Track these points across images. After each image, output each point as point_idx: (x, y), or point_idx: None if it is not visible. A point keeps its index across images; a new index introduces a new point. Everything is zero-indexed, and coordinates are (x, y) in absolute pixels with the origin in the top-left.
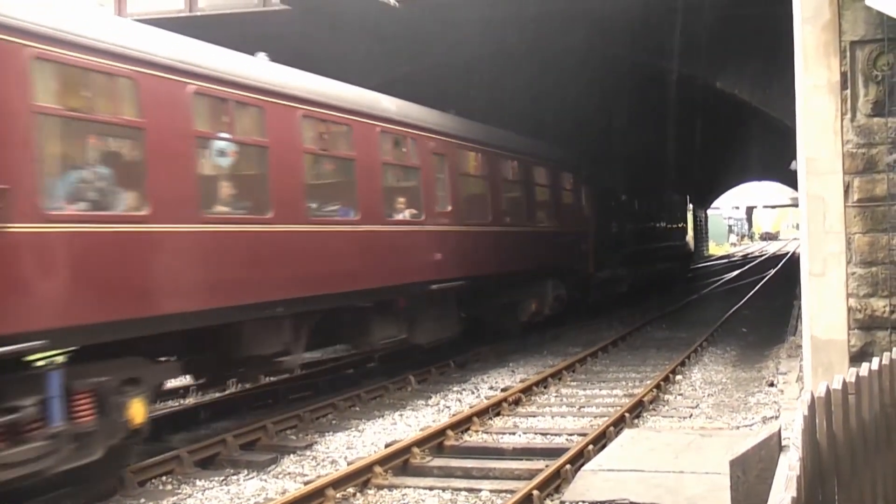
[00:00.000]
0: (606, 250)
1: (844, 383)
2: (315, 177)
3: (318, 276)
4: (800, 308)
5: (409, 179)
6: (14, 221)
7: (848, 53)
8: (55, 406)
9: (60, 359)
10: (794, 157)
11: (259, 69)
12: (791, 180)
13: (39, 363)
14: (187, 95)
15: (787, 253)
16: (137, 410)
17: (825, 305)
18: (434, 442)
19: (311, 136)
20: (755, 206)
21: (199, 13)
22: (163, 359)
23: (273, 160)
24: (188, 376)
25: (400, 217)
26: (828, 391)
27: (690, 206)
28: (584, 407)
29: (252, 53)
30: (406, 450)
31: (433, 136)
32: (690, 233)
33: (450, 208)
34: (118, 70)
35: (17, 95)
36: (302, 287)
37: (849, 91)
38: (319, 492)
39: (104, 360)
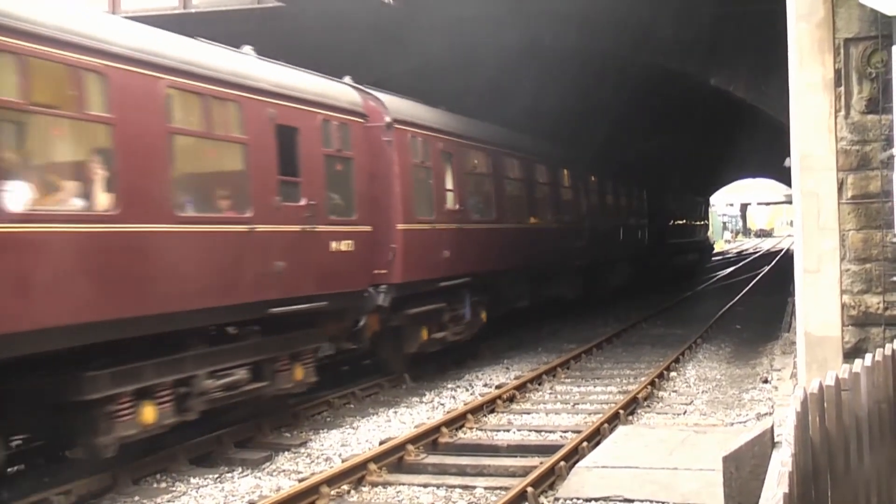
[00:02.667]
0: (656, 243)
1: (837, 379)
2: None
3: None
4: (794, 304)
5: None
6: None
7: (842, 50)
8: (467, 309)
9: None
10: (789, 154)
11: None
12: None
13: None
14: None
15: (782, 250)
16: (484, 315)
17: (819, 302)
18: (429, 439)
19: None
20: (749, 203)
21: (193, 10)
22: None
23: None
24: None
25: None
26: (821, 387)
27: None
28: (578, 404)
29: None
30: (400, 447)
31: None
32: (711, 229)
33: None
34: None
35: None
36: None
37: (843, 88)
38: (314, 489)
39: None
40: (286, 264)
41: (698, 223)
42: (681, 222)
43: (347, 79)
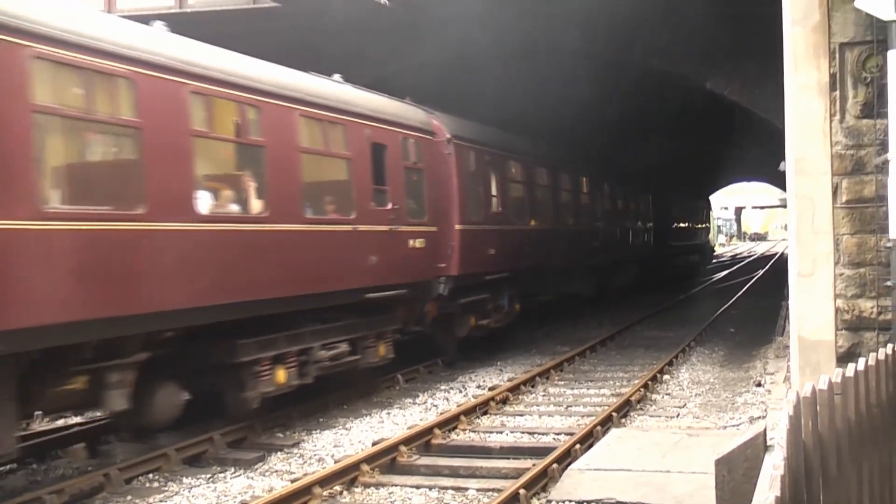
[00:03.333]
0: (660, 245)
1: (830, 383)
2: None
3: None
4: (788, 308)
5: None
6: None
7: (837, 55)
8: (506, 301)
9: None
10: (784, 158)
11: None
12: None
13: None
14: None
15: (776, 254)
16: (518, 307)
17: (813, 306)
18: (421, 440)
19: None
20: (744, 207)
21: (189, 10)
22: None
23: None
24: None
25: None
26: (814, 391)
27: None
28: (571, 406)
29: (244, 52)
30: (393, 448)
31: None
32: (713, 232)
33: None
34: None
35: None
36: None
37: (838, 92)
38: (306, 490)
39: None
40: (378, 258)
41: (700, 226)
42: (683, 225)
43: (407, 99)
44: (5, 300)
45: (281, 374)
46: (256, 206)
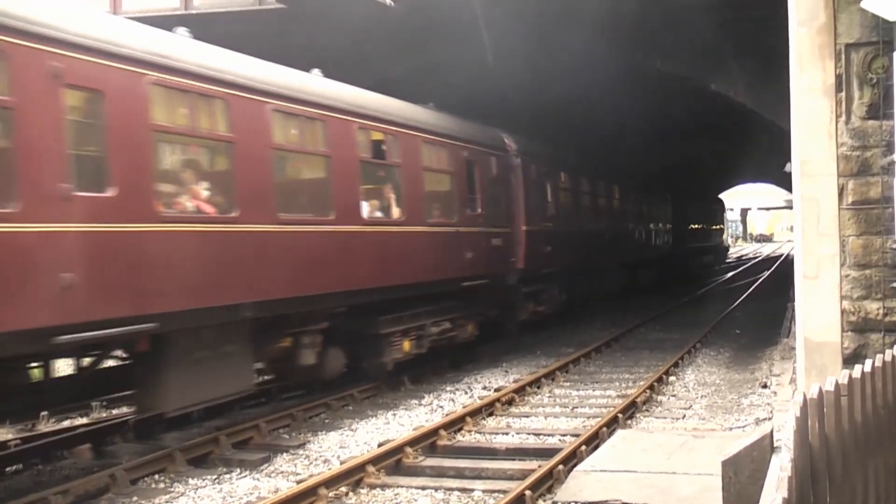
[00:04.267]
0: (678, 245)
1: (837, 385)
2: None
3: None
4: (793, 310)
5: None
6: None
7: (843, 56)
8: (556, 292)
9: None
10: (789, 160)
11: None
12: (786, 182)
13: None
14: None
15: (782, 255)
16: (564, 298)
17: (819, 307)
18: (427, 442)
19: None
20: (750, 208)
21: (194, 11)
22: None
23: None
24: None
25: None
26: (820, 393)
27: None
28: (577, 407)
29: (248, 53)
30: (399, 449)
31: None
32: (727, 233)
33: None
34: None
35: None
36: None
37: (843, 94)
38: (312, 491)
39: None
40: (472, 254)
41: (714, 227)
42: (699, 227)
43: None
44: (258, 280)
45: (407, 345)
46: (396, 212)
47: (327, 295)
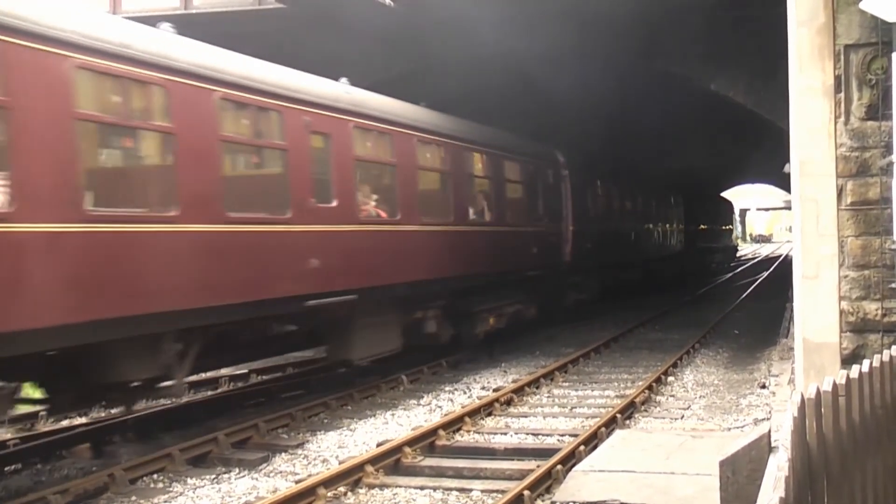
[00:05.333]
0: (690, 244)
1: (835, 385)
2: None
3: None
4: (792, 310)
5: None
6: None
7: (842, 57)
8: (592, 281)
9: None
10: (788, 160)
11: None
12: (785, 183)
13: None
14: None
15: (780, 255)
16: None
17: (817, 308)
18: (426, 441)
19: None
20: (748, 209)
21: (194, 11)
22: None
23: None
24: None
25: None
26: (818, 393)
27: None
28: (575, 408)
29: (247, 53)
30: (397, 449)
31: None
32: (736, 233)
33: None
34: None
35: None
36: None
37: (843, 94)
38: (311, 491)
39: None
40: (535, 248)
41: (724, 227)
42: (709, 227)
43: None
44: (408, 266)
45: (492, 320)
46: (488, 215)
47: (444, 279)
